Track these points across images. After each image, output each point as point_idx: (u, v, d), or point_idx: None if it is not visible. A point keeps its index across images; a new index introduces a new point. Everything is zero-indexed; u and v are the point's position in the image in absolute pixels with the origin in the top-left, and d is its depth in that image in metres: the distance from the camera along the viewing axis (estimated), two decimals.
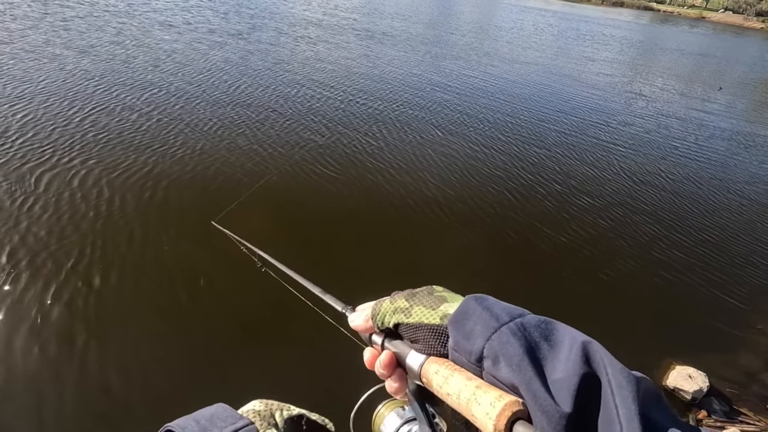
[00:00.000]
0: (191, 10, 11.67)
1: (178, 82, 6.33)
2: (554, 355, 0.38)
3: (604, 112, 8.70)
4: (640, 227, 4.64)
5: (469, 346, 0.41)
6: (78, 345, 2.50)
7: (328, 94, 6.97)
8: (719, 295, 3.83)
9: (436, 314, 0.46)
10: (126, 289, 2.90)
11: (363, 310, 0.55)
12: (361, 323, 0.53)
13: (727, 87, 13.30)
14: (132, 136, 4.64)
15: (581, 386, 0.35)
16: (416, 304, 0.48)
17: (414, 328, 0.47)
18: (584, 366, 0.36)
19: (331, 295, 0.70)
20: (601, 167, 5.94)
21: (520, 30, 20.54)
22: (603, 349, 0.37)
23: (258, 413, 0.88)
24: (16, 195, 3.49)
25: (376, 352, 0.52)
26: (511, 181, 5.11)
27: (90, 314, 2.68)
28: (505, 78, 10.24)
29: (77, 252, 3.08)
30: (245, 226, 3.26)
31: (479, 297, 0.45)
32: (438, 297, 0.48)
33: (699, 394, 2.83)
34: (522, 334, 0.40)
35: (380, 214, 4.16)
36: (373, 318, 0.51)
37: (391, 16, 17.47)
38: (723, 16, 58.05)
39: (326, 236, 3.74)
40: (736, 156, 7.38)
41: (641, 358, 3.10)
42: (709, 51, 23.44)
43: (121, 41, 7.87)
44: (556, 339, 0.40)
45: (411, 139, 5.80)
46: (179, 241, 3.33)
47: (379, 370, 0.50)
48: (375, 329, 0.52)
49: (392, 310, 0.49)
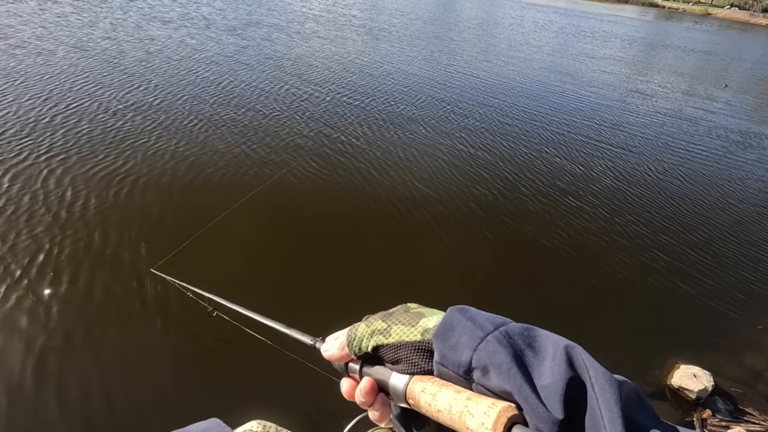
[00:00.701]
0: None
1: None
2: (539, 362, 0.39)
3: (603, 111, 8.65)
4: (644, 225, 4.60)
5: (456, 357, 0.41)
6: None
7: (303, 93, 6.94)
8: (725, 293, 3.79)
9: (416, 330, 0.45)
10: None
11: (336, 338, 0.52)
12: (336, 352, 0.51)
13: (733, 85, 13.19)
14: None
15: (568, 391, 0.35)
16: (394, 324, 0.47)
17: (395, 348, 0.45)
18: (569, 370, 0.37)
19: (296, 329, 0.64)
20: (608, 167, 5.91)
21: (519, 27, 20.46)
22: (585, 353, 0.38)
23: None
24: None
25: (354, 382, 0.49)
26: (499, 182, 5.08)
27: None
28: (500, 76, 10.20)
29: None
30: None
31: (462, 308, 0.45)
32: (415, 313, 0.47)
33: (704, 393, 2.80)
34: (508, 342, 0.40)
35: (357, 220, 3.96)
36: (349, 345, 0.49)
37: (390, 12, 17.42)
38: (729, 13, 57.59)
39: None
40: (750, 155, 7.31)
41: (645, 357, 3.08)
42: (714, 48, 23.26)
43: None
44: (539, 345, 0.40)
45: (394, 138, 5.76)
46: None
47: (360, 399, 0.48)
48: (352, 356, 0.50)
49: (369, 333, 0.48)
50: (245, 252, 3.40)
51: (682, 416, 2.75)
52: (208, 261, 3.17)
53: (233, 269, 3.20)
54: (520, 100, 8.33)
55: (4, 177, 3.72)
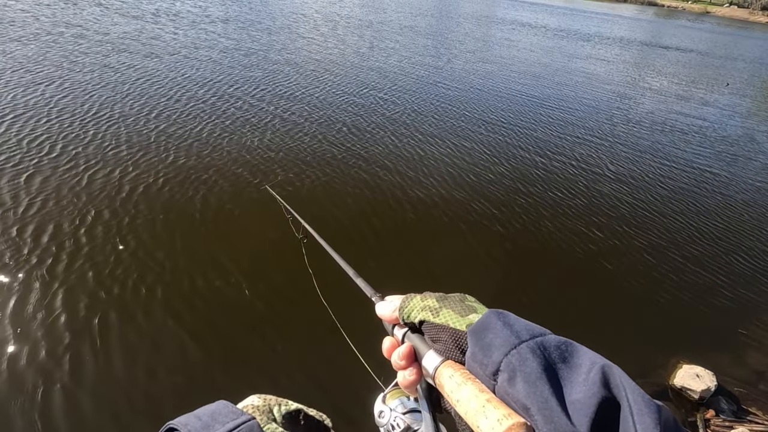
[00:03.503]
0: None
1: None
2: (572, 377, 0.38)
3: (609, 114, 8.62)
4: (647, 224, 4.59)
5: (485, 358, 0.41)
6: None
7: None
8: (728, 293, 3.78)
9: (463, 321, 0.47)
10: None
11: (392, 301, 0.56)
12: (388, 313, 0.55)
13: (734, 83, 13.17)
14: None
15: (600, 409, 0.35)
16: (446, 307, 0.49)
17: (438, 328, 0.48)
18: (603, 389, 0.36)
19: (363, 279, 0.71)
20: (614, 168, 5.89)
21: (520, 27, 20.42)
22: (623, 373, 0.37)
23: (257, 408, 0.89)
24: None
25: (395, 343, 0.53)
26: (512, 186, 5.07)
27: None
28: (508, 80, 10.18)
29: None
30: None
31: (500, 312, 0.45)
32: (468, 306, 0.49)
33: (707, 393, 2.79)
34: (541, 352, 0.40)
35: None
36: (400, 310, 0.53)
37: (391, 10, 17.39)
38: (728, 11, 57.58)
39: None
40: (757, 153, 7.30)
41: (647, 357, 3.06)
42: (714, 46, 23.25)
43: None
44: (575, 361, 0.40)
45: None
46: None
47: (396, 361, 0.51)
48: (399, 321, 0.53)
49: (421, 306, 0.51)
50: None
51: (685, 416, 2.73)
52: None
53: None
54: (525, 104, 8.33)
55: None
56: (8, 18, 8.18)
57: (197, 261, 3.19)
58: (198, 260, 3.20)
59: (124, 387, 2.36)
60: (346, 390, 2.44)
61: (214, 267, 3.16)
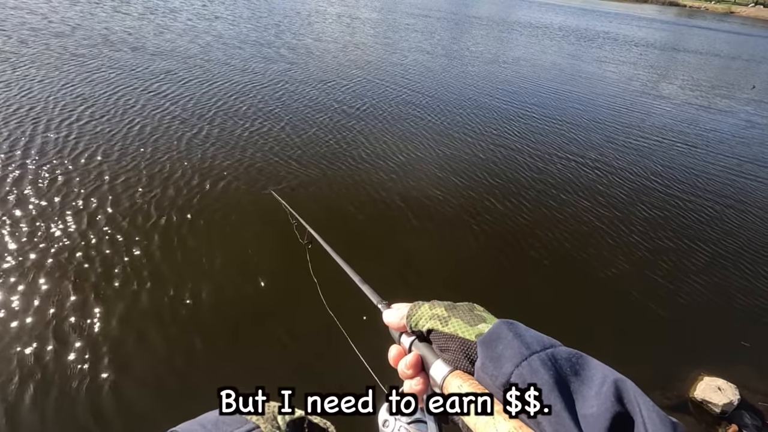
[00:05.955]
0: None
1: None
2: (584, 390, 0.37)
3: (620, 112, 8.46)
4: (668, 232, 4.46)
5: (496, 369, 0.41)
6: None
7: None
8: (752, 304, 3.64)
9: (473, 331, 0.46)
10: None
11: (399, 308, 0.55)
12: (396, 321, 0.54)
13: (761, 84, 12.77)
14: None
15: (613, 425, 0.34)
16: (455, 316, 0.48)
17: (447, 337, 0.47)
18: (617, 404, 0.35)
19: (369, 286, 0.69)
20: (627, 173, 5.76)
21: (537, 28, 20.21)
22: (637, 388, 0.37)
23: (261, 416, 0.87)
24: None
25: (402, 351, 0.53)
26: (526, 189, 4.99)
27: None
28: (517, 79, 10.07)
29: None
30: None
31: (511, 323, 0.45)
32: (477, 315, 0.48)
33: (729, 407, 2.69)
34: (552, 364, 0.39)
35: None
36: (408, 318, 0.52)
37: (403, 13, 17.39)
38: (753, 11, 56.05)
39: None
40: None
41: (667, 368, 2.96)
42: (739, 47, 22.61)
43: None
44: (586, 374, 0.39)
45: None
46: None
47: (403, 370, 0.50)
48: (407, 329, 0.53)
49: (429, 315, 0.50)
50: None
51: (705, 430, 2.63)
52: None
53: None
54: (535, 103, 8.23)
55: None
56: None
57: (202, 268, 3.19)
58: (201, 267, 3.19)
59: (127, 393, 2.38)
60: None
61: (218, 274, 3.15)
